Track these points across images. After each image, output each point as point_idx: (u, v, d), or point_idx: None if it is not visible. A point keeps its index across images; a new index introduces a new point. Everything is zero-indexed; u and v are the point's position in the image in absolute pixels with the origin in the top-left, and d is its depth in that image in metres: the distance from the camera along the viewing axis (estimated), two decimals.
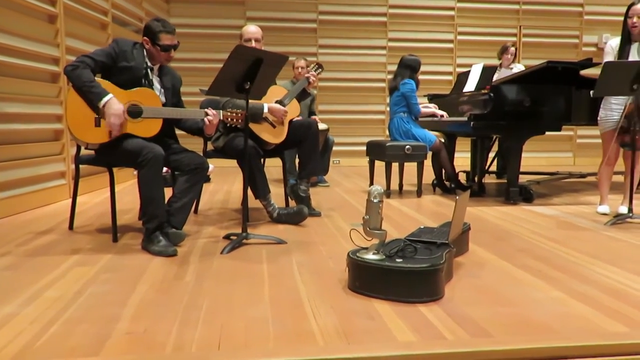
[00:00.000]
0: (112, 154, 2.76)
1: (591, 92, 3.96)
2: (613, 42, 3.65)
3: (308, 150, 3.53)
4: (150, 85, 2.87)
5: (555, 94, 4.12)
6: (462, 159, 6.25)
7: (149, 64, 2.87)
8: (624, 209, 3.60)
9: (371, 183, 4.85)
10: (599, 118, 3.73)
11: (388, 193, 4.54)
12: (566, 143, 8.29)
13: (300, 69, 5.18)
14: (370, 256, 1.99)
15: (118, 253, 2.61)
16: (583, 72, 4.32)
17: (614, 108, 3.60)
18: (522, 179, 4.88)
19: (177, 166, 2.92)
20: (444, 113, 4.81)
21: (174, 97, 3.02)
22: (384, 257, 2.00)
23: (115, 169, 2.91)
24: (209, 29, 7.50)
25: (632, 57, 3.54)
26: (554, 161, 8.10)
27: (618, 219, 3.42)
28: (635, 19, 3.49)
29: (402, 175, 4.85)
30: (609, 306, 1.87)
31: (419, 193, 4.62)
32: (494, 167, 6.11)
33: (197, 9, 7.48)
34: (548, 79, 4.15)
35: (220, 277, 2.22)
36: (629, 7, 3.53)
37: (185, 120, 3.05)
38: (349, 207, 4.04)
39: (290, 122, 3.56)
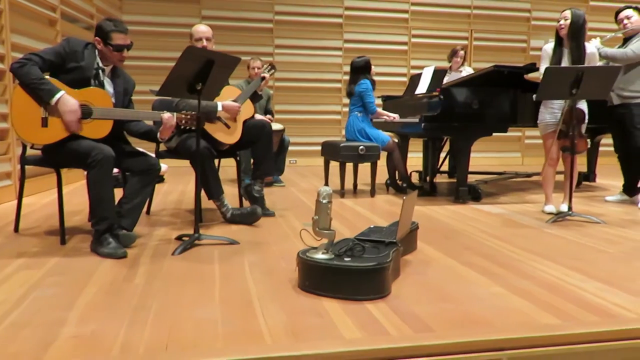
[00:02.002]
0: (60, 155, 2.70)
1: (534, 95, 4.13)
2: (548, 47, 3.83)
3: (262, 151, 3.55)
4: (101, 86, 2.82)
5: (501, 96, 4.29)
6: (416, 159, 6.40)
7: (100, 64, 2.82)
8: (564, 207, 3.78)
9: (326, 183, 4.91)
10: (538, 121, 3.90)
11: (342, 193, 4.61)
12: (515, 143, 8.59)
13: (256, 69, 5.20)
14: (319, 255, 2.03)
15: (66, 256, 2.56)
16: (527, 76, 4.50)
17: (551, 111, 3.78)
18: (471, 178, 5.03)
19: (128, 167, 2.89)
20: (396, 115, 4.89)
21: (124, 100, 2.98)
22: (333, 256, 2.05)
23: (64, 170, 2.85)
24: (162, 27, 7.38)
25: (564, 62, 3.72)
26: (503, 161, 8.38)
27: (559, 217, 3.58)
28: (562, 22, 3.70)
29: (357, 175, 4.93)
30: (545, 300, 1.97)
31: (372, 193, 4.70)
32: (445, 167, 6.28)
33: (151, 6, 7.35)
34: (495, 82, 4.31)
35: (170, 278, 2.21)
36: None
37: (135, 124, 3.01)
38: (304, 207, 4.08)
39: (244, 122, 3.56)
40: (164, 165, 5.30)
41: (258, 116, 4.31)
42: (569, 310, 1.86)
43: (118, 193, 2.72)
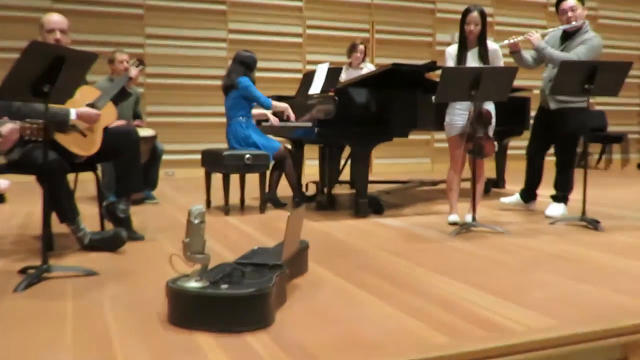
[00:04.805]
0: None
1: (433, 97, 4.45)
2: (451, 48, 4.18)
3: (126, 163, 3.53)
4: None
5: (401, 98, 4.55)
6: (314, 168, 6.57)
7: None
8: (469, 218, 4.11)
9: (207, 198, 4.94)
10: (445, 123, 4.23)
11: (227, 209, 4.67)
12: (423, 148, 9.08)
13: (125, 63, 5.14)
14: (191, 284, 2.10)
15: None
16: (430, 74, 4.84)
17: (458, 113, 4.12)
18: (373, 188, 5.29)
19: None
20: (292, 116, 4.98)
21: None
22: (208, 283, 2.12)
23: None
24: (5, 10, 7.03)
25: (469, 63, 4.08)
26: (411, 167, 8.80)
27: (462, 228, 3.91)
28: (472, 27, 4.02)
29: (244, 188, 4.99)
30: (437, 318, 2.18)
31: (262, 209, 4.80)
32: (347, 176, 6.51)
33: None
34: (395, 82, 4.58)
35: (11, 320, 2.17)
36: (465, 13, 4.05)
37: None
38: (181, 228, 4.03)
39: (105, 129, 3.53)
40: (5, 181, 5.04)
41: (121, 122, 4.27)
42: (458, 327, 2.08)
43: None
